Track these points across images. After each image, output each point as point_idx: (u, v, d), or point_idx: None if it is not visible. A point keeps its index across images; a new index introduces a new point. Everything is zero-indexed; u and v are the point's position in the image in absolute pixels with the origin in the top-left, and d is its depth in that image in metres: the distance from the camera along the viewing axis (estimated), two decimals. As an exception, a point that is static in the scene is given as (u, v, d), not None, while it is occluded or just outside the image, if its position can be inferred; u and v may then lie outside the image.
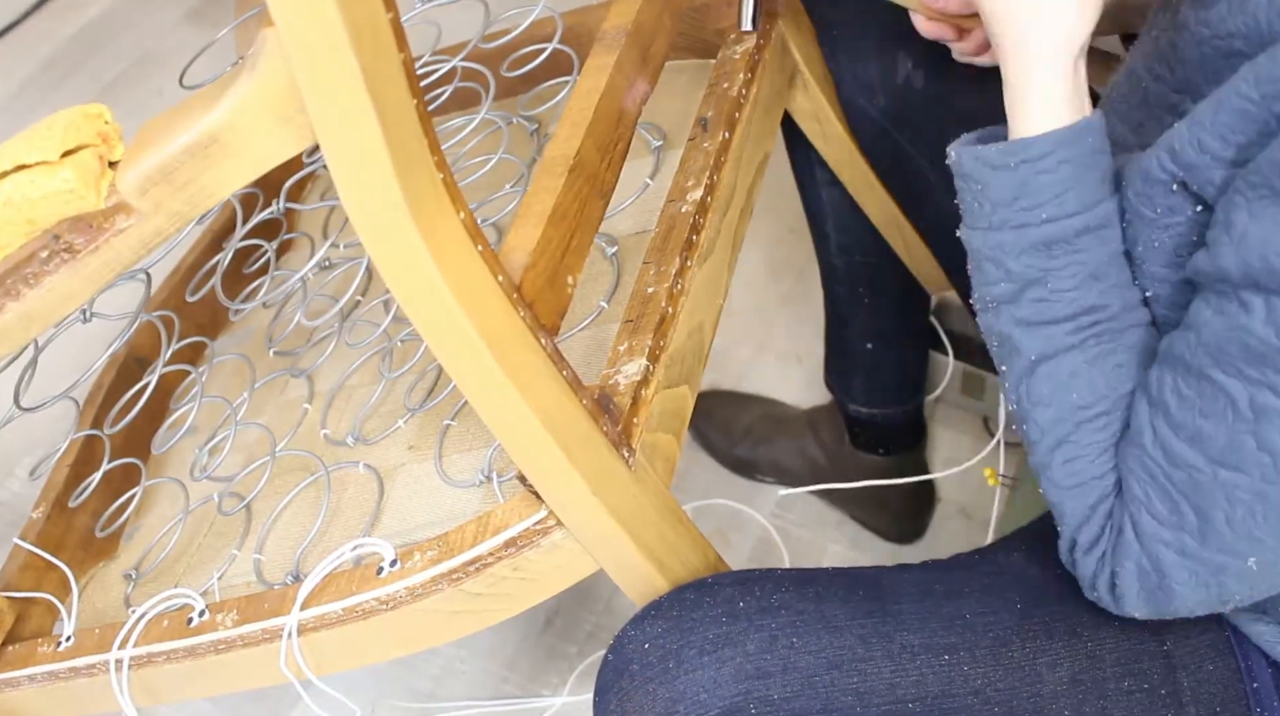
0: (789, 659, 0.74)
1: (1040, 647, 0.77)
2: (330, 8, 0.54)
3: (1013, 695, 0.76)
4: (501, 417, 0.70)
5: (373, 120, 0.58)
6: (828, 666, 0.74)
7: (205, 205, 0.62)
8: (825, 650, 0.74)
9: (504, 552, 0.78)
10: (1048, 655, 0.77)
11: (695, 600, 0.76)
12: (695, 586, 0.78)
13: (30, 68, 2.04)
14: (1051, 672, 0.77)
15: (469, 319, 0.66)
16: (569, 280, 0.76)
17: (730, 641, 0.74)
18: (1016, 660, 0.77)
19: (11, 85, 2.02)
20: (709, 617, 0.75)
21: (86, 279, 0.63)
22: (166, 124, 0.62)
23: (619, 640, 0.77)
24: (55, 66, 2.04)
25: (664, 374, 0.82)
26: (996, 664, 0.76)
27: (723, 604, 0.76)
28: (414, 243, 0.62)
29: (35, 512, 1.07)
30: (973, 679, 0.76)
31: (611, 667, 0.77)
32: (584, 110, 0.80)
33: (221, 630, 0.85)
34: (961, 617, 0.78)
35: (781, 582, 0.78)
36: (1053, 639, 0.78)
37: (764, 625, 0.75)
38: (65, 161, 0.60)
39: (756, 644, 0.74)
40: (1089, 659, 0.77)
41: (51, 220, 0.61)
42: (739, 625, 0.74)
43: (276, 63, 0.57)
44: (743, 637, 0.74)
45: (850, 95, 1.07)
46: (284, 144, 0.60)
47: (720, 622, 0.75)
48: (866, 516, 1.39)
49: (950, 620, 0.78)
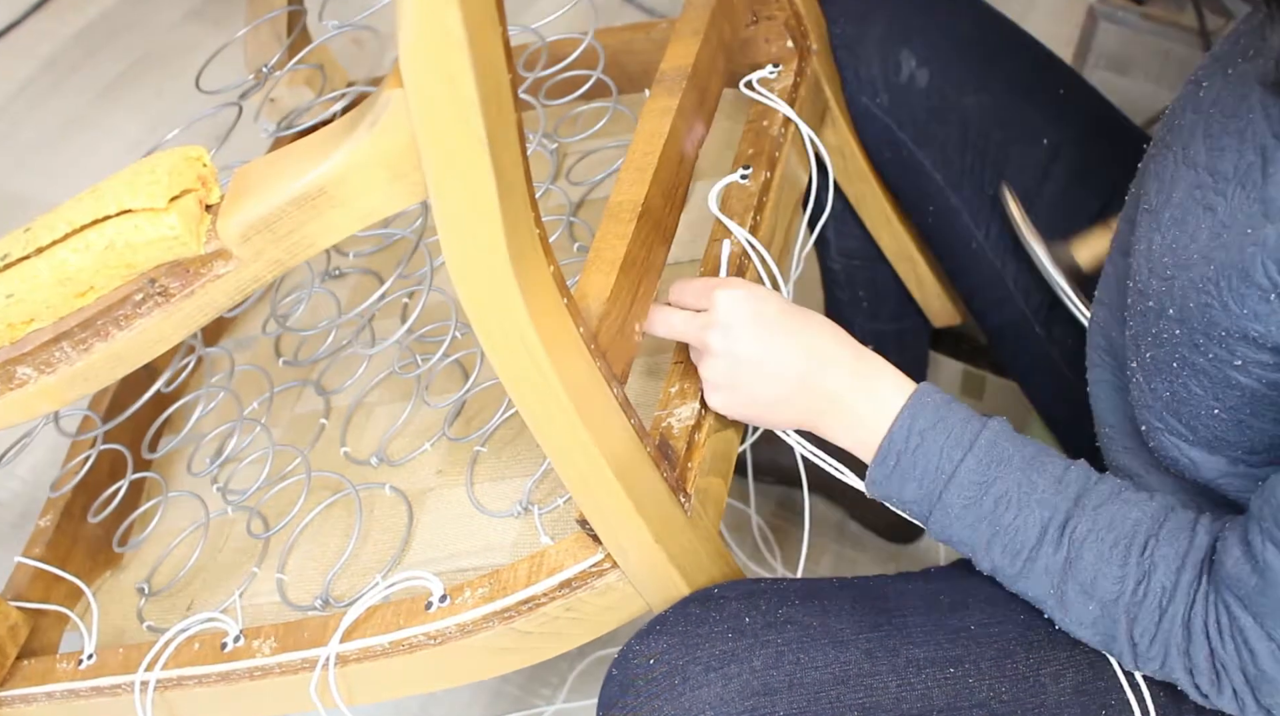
0: (795, 675, 0.74)
1: (1044, 658, 0.78)
2: (466, 78, 0.54)
3: (1018, 706, 0.77)
4: (575, 466, 0.71)
5: (490, 182, 0.58)
6: (834, 681, 0.75)
7: (305, 254, 0.62)
8: (831, 665, 0.75)
9: (558, 593, 0.78)
10: (1052, 665, 0.78)
11: (701, 615, 0.77)
12: (700, 600, 0.78)
13: (30, 68, 2.03)
14: (1055, 683, 0.78)
15: (554, 370, 0.66)
16: (636, 328, 0.77)
17: (736, 657, 0.74)
18: (1021, 671, 0.78)
19: (11, 85, 2.01)
20: (715, 633, 0.75)
21: (179, 323, 0.63)
22: (268, 171, 0.61)
23: (624, 654, 0.77)
24: (55, 66, 2.03)
25: (714, 417, 0.83)
26: (1001, 675, 0.77)
27: (729, 619, 0.76)
28: (513, 297, 0.63)
29: (42, 521, 1.05)
30: (978, 691, 0.77)
31: (616, 682, 0.77)
32: (648, 155, 0.81)
33: (260, 657, 0.85)
34: (966, 630, 0.79)
35: (787, 596, 0.79)
36: (1056, 648, 0.78)
37: (770, 640, 0.75)
38: (171, 207, 0.59)
39: (763, 660, 0.74)
40: (1092, 668, 0.78)
41: (150, 264, 0.61)
42: (745, 641, 0.75)
43: (399, 122, 0.57)
44: (749, 654, 0.74)
45: (853, 93, 1.08)
46: (393, 199, 0.60)
47: (726, 638, 0.75)
48: (866, 516, 1.40)
49: (955, 632, 0.79)
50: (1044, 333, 1.08)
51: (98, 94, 1.95)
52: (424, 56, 0.53)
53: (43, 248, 0.60)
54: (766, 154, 0.96)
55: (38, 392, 0.65)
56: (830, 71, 1.07)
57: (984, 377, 1.41)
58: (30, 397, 0.65)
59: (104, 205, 0.59)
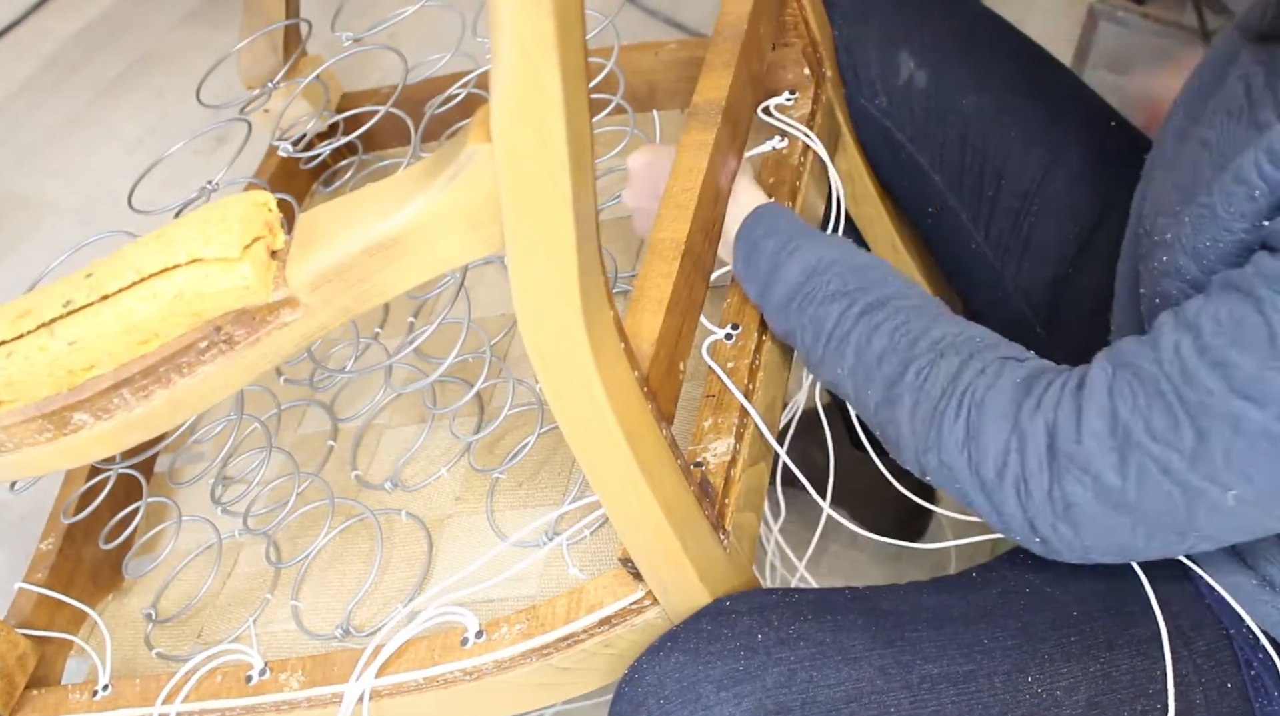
0: (808, 693, 0.74)
1: (1057, 671, 0.78)
2: (559, 136, 0.54)
3: None
4: (627, 507, 0.71)
5: (571, 238, 0.58)
6: (846, 699, 0.74)
7: (373, 302, 0.61)
8: (844, 682, 0.75)
9: (597, 630, 0.78)
10: (1065, 679, 0.78)
11: (713, 631, 0.76)
12: (711, 615, 0.77)
13: (30, 67, 2.02)
14: (1069, 696, 0.77)
15: (614, 415, 0.66)
16: (681, 367, 0.77)
17: (749, 676, 0.74)
18: (1033, 686, 0.77)
19: (11, 85, 1.99)
20: (727, 651, 0.75)
21: (242, 370, 0.62)
22: (339, 218, 0.60)
23: (634, 671, 0.76)
24: (55, 66, 2.01)
25: (747, 452, 0.83)
26: (1014, 690, 0.77)
27: (741, 636, 0.75)
28: (581, 347, 0.63)
29: (44, 544, 1.03)
30: (991, 707, 0.76)
31: (627, 700, 0.76)
32: (688, 192, 0.81)
33: (287, 691, 0.84)
34: (979, 644, 0.78)
35: (800, 611, 0.78)
36: (1069, 661, 0.78)
37: (783, 658, 0.75)
38: (244, 257, 0.58)
39: (775, 678, 0.74)
40: (1105, 680, 0.78)
41: (218, 313, 0.60)
42: (757, 658, 0.74)
43: (482, 176, 0.56)
44: (761, 672, 0.74)
45: (851, 94, 1.08)
46: (468, 249, 0.60)
47: (739, 656, 0.74)
48: (867, 517, 1.40)
49: (968, 648, 0.78)
50: (1044, 333, 1.09)
51: (98, 94, 1.94)
52: (518, 114, 0.53)
53: (108, 295, 0.59)
54: (788, 184, 0.96)
55: (93, 438, 0.63)
56: (841, 96, 1.08)
57: None
58: (85, 443, 0.64)
59: (174, 254, 0.58)
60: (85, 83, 1.95)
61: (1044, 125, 1.05)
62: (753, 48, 0.91)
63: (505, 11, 0.50)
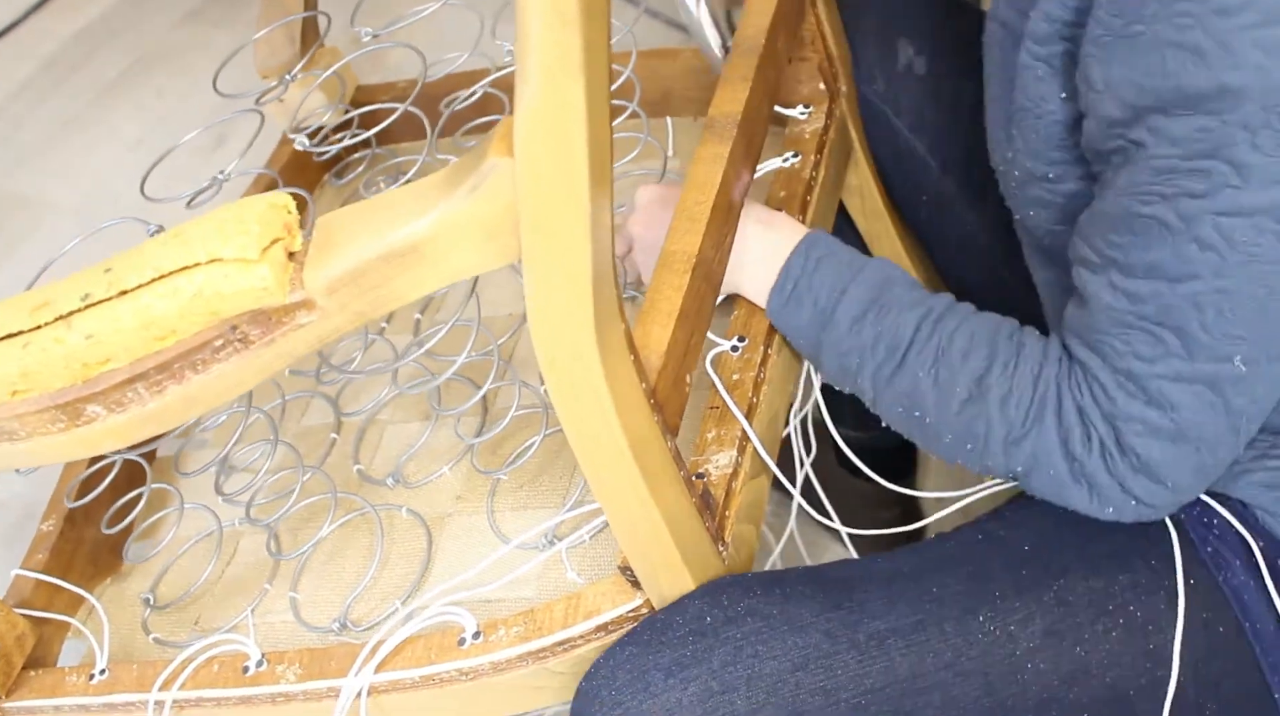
0: (754, 667, 0.73)
1: (1010, 607, 0.78)
2: (580, 152, 0.54)
3: (987, 661, 0.76)
4: (629, 517, 0.72)
5: (587, 251, 0.58)
6: (793, 668, 0.74)
7: (388, 307, 0.62)
8: (790, 652, 0.74)
9: (594, 636, 0.79)
10: (1019, 613, 0.77)
11: (665, 621, 0.76)
12: (667, 607, 0.77)
13: (30, 68, 2.02)
14: (1024, 630, 0.77)
15: (621, 426, 0.67)
16: (687, 379, 0.77)
17: (696, 659, 0.74)
18: (985, 626, 0.77)
19: (11, 85, 2.00)
20: (676, 638, 0.75)
21: (256, 369, 0.63)
22: (357, 224, 0.61)
23: (593, 667, 0.77)
24: (55, 66, 2.02)
25: (749, 465, 0.84)
26: (966, 633, 0.76)
27: (690, 621, 0.75)
28: (591, 358, 0.63)
29: (45, 525, 1.04)
30: (943, 653, 0.76)
31: (583, 695, 0.77)
32: (701, 205, 0.82)
33: (284, 683, 0.84)
34: (928, 593, 0.78)
35: (750, 588, 0.78)
36: (1021, 594, 0.78)
37: (729, 636, 0.74)
38: (263, 258, 0.59)
39: (721, 657, 0.74)
40: (1060, 606, 0.78)
41: (235, 312, 0.60)
42: (705, 641, 0.74)
43: (502, 188, 0.57)
44: (708, 654, 0.74)
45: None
46: (484, 260, 0.60)
47: (687, 642, 0.74)
48: (852, 542, 1.40)
49: (916, 599, 0.78)
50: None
51: (98, 94, 1.95)
52: (542, 131, 0.54)
53: (126, 290, 0.60)
54: (799, 198, 0.97)
55: (105, 430, 0.64)
56: (855, 112, 1.08)
57: None
58: (97, 435, 0.64)
59: (193, 253, 0.59)
60: (85, 83, 1.96)
61: None
62: (770, 61, 0.92)
63: (534, 30, 0.51)
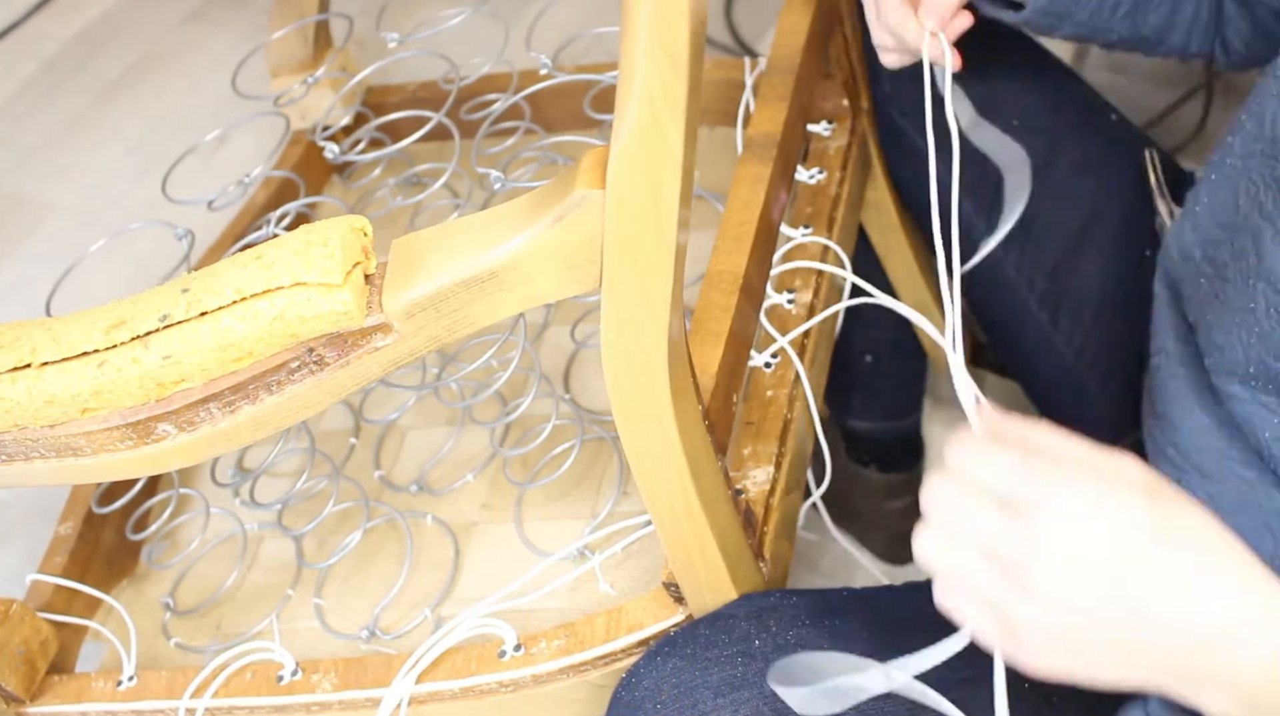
0: None
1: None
2: (673, 190, 0.55)
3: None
4: (681, 535, 0.73)
5: (668, 285, 0.59)
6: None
7: (463, 332, 0.62)
8: None
9: (635, 650, 0.80)
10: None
11: (710, 637, 0.77)
12: (710, 621, 0.78)
13: (30, 68, 2.00)
14: (1067, 701, 0.76)
15: (682, 447, 0.68)
16: (734, 399, 0.79)
17: (746, 682, 0.74)
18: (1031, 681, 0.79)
19: (11, 85, 1.98)
20: (724, 656, 0.76)
21: (329, 391, 0.63)
22: (436, 248, 0.61)
23: (632, 675, 0.77)
24: (56, 67, 2.00)
25: (784, 481, 0.85)
26: (1016, 694, 0.75)
27: (738, 641, 0.76)
28: (661, 384, 0.64)
29: (63, 527, 1.03)
30: (991, 710, 0.74)
31: (624, 704, 0.77)
32: (745, 225, 0.83)
33: (320, 692, 0.85)
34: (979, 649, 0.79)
35: (798, 615, 0.78)
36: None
37: None
38: (345, 283, 0.59)
39: None
40: None
41: (313, 335, 0.61)
42: (755, 665, 0.75)
43: (589, 220, 0.57)
44: (759, 678, 0.74)
45: None
46: (564, 287, 0.61)
47: (736, 662, 0.75)
48: (861, 535, 1.42)
49: (969, 655, 0.74)
50: (1048, 319, 1.10)
51: (98, 94, 1.93)
52: (638, 167, 0.54)
53: (206, 312, 0.60)
54: (825, 214, 0.98)
55: (174, 448, 0.64)
56: (874, 127, 1.10)
57: (983, 376, 1.41)
58: (165, 453, 0.64)
59: (275, 276, 0.59)
60: (86, 84, 1.95)
61: (1045, 114, 1.05)
62: (805, 80, 0.93)
63: (640, 68, 0.51)
